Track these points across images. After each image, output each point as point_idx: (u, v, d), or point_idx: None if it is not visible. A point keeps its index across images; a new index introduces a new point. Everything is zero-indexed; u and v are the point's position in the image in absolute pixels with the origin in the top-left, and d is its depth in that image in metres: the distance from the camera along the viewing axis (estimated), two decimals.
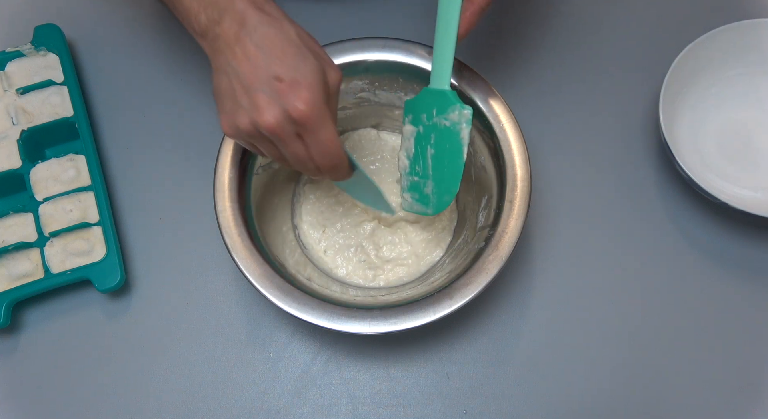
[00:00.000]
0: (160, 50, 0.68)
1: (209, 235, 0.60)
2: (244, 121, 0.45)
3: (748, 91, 0.63)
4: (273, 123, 0.44)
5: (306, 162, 0.46)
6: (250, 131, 0.45)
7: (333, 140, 0.45)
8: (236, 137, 0.47)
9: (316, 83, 0.44)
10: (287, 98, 0.43)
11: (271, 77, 0.43)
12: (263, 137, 0.46)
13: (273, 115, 0.43)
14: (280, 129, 0.44)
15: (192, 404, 0.57)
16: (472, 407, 0.56)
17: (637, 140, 0.64)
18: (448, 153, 0.52)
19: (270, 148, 0.47)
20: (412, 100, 0.54)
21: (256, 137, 0.46)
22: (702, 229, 0.61)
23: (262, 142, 0.47)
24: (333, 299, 0.51)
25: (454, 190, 0.53)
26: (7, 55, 0.64)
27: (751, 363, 0.57)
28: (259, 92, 0.44)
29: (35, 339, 0.59)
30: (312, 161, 0.46)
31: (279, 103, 0.43)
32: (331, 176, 0.49)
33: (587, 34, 0.68)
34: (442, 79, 0.52)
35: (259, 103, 0.44)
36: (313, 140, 0.45)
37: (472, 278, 0.49)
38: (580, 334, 0.58)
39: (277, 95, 0.43)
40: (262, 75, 0.44)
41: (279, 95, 0.43)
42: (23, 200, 0.61)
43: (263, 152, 0.48)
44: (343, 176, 0.49)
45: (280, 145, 0.46)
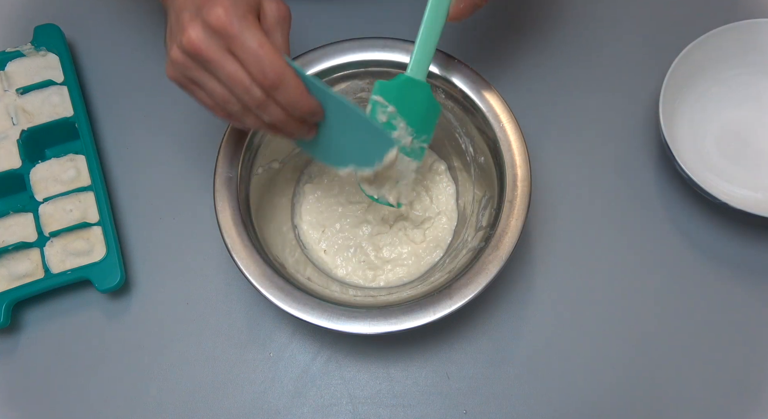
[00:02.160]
0: (160, 50, 0.68)
1: (209, 235, 0.60)
2: (175, 51, 0.43)
3: (748, 92, 0.63)
4: (195, 38, 0.41)
5: (247, 88, 0.42)
6: (182, 61, 0.43)
7: (263, 45, 0.41)
8: (176, 77, 0.44)
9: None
10: (205, 8, 0.41)
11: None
12: (197, 66, 0.42)
13: (195, 30, 0.41)
14: (204, 45, 0.41)
15: (192, 404, 0.57)
16: (472, 407, 0.56)
17: (637, 140, 0.64)
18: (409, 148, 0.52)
19: (209, 81, 0.43)
20: (386, 83, 0.51)
21: (190, 67, 0.43)
22: (702, 229, 0.61)
23: (197, 73, 0.43)
24: (333, 299, 0.51)
25: None
26: (7, 55, 0.64)
27: (751, 363, 0.57)
28: (184, 12, 0.42)
29: (35, 339, 0.59)
30: (252, 81, 0.42)
31: (199, 16, 0.41)
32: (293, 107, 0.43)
33: (587, 34, 0.68)
34: (422, 69, 0.51)
35: (183, 22, 0.42)
36: (241, 50, 0.41)
37: (472, 278, 0.49)
38: (580, 334, 0.58)
39: (198, 9, 0.41)
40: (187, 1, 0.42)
41: (199, 9, 0.41)
42: (23, 200, 0.61)
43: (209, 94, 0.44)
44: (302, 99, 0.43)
45: (213, 68, 0.42)
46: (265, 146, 0.56)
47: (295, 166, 0.62)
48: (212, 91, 0.44)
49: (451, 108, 0.56)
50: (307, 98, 0.44)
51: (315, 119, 0.46)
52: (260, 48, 0.41)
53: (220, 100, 0.44)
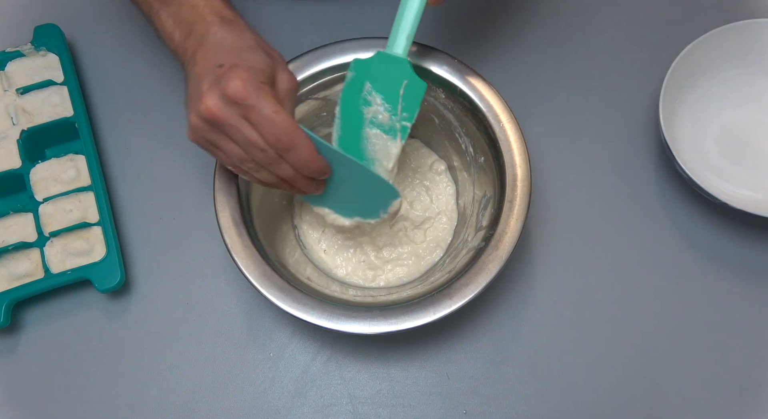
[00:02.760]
0: (160, 50, 0.68)
1: (209, 235, 0.60)
2: (194, 117, 0.45)
3: (748, 91, 0.63)
4: (212, 106, 0.43)
5: (262, 149, 0.45)
6: (201, 127, 0.45)
7: (278, 112, 0.43)
8: (196, 140, 0.47)
9: (257, 68, 0.44)
10: (224, 79, 0.43)
11: (215, 66, 0.44)
12: (215, 130, 0.45)
13: (212, 99, 0.43)
14: (221, 113, 0.44)
15: (192, 404, 0.57)
16: (472, 407, 0.56)
17: (637, 140, 0.64)
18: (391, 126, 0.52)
19: (226, 143, 0.46)
20: (364, 60, 0.51)
21: (207, 131, 0.45)
22: (702, 229, 0.61)
23: (216, 137, 0.46)
24: (333, 299, 0.51)
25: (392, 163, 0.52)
26: (7, 55, 0.64)
27: (751, 363, 0.57)
28: (203, 82, 0.44)
29: (35, 339, 0.59)
30: (266, 144, 0.44)
31: (218, 86, 0.43)
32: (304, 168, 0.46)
33: (587, 34, 0.68)
34: (400, 45, 0.50)
35: (201, 92, 0.44)
36: (257, 117, 0.43)
37: (472, 278, 0.49)
38: (580, 334, 0.58)
39: (217, 80, 0.44)
40: (209, 67, 0.45)
41: (218, 79, 0.44)
42: (23, 200, 0.61)
43: (227, 154, 0.47)
44: (312, 160, 0.46)
45: (231, 133, 0.45)
46: None
47: None
48: (230, 152, 0.46)
49: (451, 108, 0.56)
50: (316, 159, 0.46)
51: (323, 176, 0.49)
52: (275, 115, 0.43)
53: (237, 159, 0.47)
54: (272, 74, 0.45)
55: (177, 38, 0.48)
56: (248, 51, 0.45)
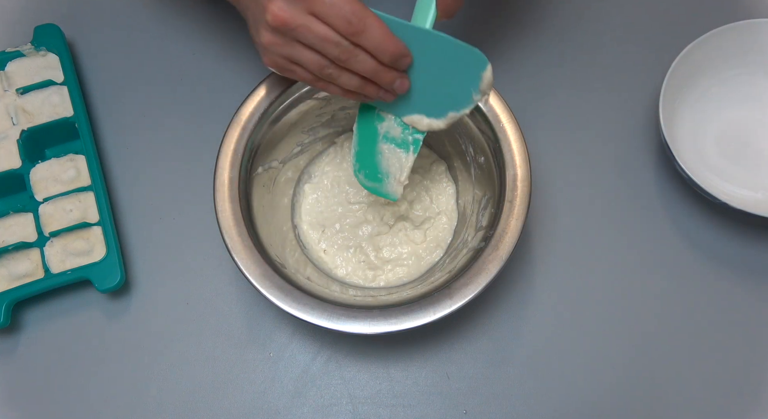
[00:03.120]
0: (160, 50, 0.68)
1: (209, 235, 0.60)
2: (264, 34, 0.45)
3: (748, 91, 0.63)
4: (278, 12, 0.43)
5: (337, 42, 0.44)
6: (273, 41, 0.45)
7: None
8: (273, 63, 0.47)
9: None
10: None
11: None
12: (288, 41, 0.45)
13: (276, 4, 0.43)
14: (288, 14, 0.43)
15: (192, 404, 0.57)
16: (472, 407, 0.56)
17: (637, 140, 0.64)
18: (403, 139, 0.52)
19: (302, 51, 0.46)
20: None
21: (280, 44, 0.45)
22: (702, 229, 0.61)
23: (290, 47, 0.45)
24: (333, 299, 0.51)
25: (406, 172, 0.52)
26: (7, 55, 0.64)
27: (751, 363, 0.57)
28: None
29: (35, 339, 0.59)
30: (338, 35, 0.44)
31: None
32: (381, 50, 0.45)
33: (587, 34, 0.68)
34: None
35: (264, 4, 0.44)
36: (321, 7, 0.43)
37: (472, 278, 0.49)
38: (580, 334, 0.58)
39: None
40: None
41: None
42: (23, 200, 0.61)
43: (305, 65, 0.46)
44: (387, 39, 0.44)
45: (302, 34, 0.44)
46: (265, 146, 0.56)
47: (295, 166, 0.62)
48: (308, 61, 0.46)
49: None
50: (392, 38, 0.45)
51: (404, 62, 0.47)
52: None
53: (316, 67, 0.46)
54: None
55: None
56: None
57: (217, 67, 0.67)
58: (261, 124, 0.55)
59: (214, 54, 0.68)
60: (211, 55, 0.68)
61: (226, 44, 0.68)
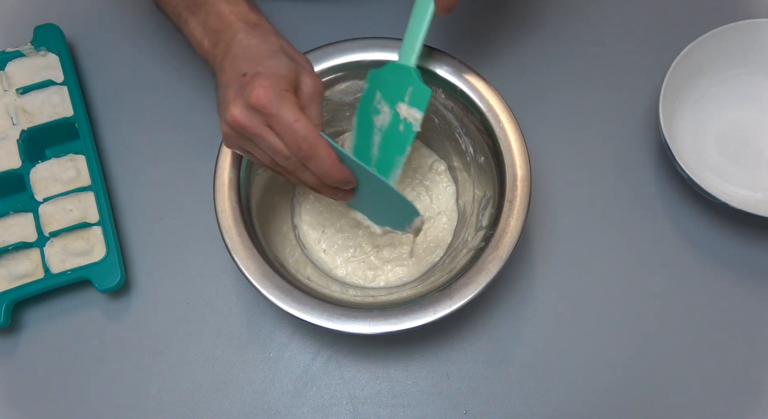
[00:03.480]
0: (160, 50, 0.68)
1: (209, 235, 0.60)
2: (223, 125, 0.46)
3: (748, 91, 0.63)
4: (238, 115, 0.45)
5: (287, 156, 0.46)
6: (229, 133, 0.47)
7: (298, 120, 0.44)
8: (230, 145, 0.49)
9: (279, 75, 0.45)
10: (247, 88, 0.44)
11: (239, 76, 0.45)
12: (243, 137, 0.46)
13: (237, 107, 0.45)
14: (247, 121, 0.45)
15: (192, 404, 0.57)
16: (472, 407, 0.56)
17: (637, 140, 0.64)
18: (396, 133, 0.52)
19: (256, 149, 0.47)
20: (376, 71, 0.53)
21: (237, 137, 0.47)
22: (702, 229, 0.61)
23: (245, 143, 0.47)
24: (333, 299, 0.51)
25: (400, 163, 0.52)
26: (7, 55, 0.64)
27: (751, 363, 0.57)
28: (229, 91, 0.46)
29: (35, 339, 0.59)
30: (289, 152, 0.45)
31: (242, 95, 0.45)
32: (325, 176, 0.47)
33: (587, 34, 0.68)
34: (408, 55, 0.51)
35: (228, 100, 0.45)
36: (279, 126, 0.44)
37: (472, 278, 0.49)
38: (580, 334, 0.58)
39: (241, 89, 0.45)
40: (234, 76, 0.46)
41: (242, 88, 0.45)
42: (23, 200, 0.61)
43: (256, 157, 0.48)
44: (333, 170, 0.46)
45: (257, 141, 0.46)
46: None
47: None
48: (260, 157, 0.48)
49: (451, 108, 0.56)
50: (337, 169, 0.46)
51: (347, 186, 0.49)
52: (296, 123, 0.44)
53: (269, 163, 0.48)
54: (296, 79, 0.46)
55: (206, 46, 0.49)
56: (272, 57, 0.46)
57: None
58: None
59: None
60: None
61: None
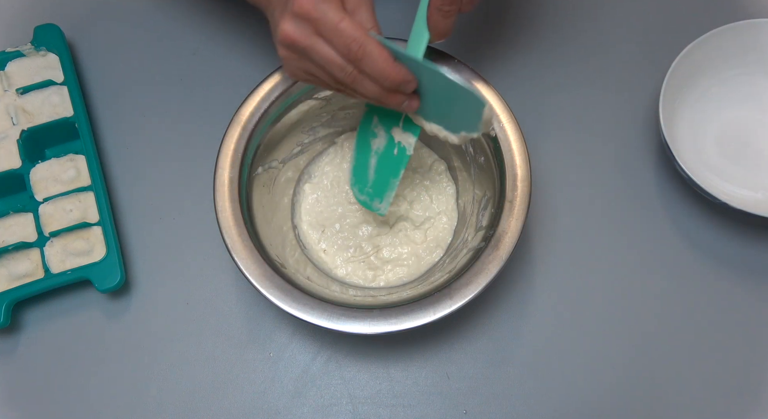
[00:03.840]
0: (160, 50, 0.68)
1: (209, 235, 0.60)
2: (278, 47, 0.46)
3: (748, 91, 0.63)
4: (287, 30, 0.44)
5: (341, 66, 0.44)
6: (287, 55, 0.46)
7: (343, 20, 0.43)
8: (291, 72, 0.48)
9: None
10: (291, 1, 0.44)
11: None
12: (299, 56, 0.45)
13: (286, 23, 0.44)
14: (296, 36, 0.44)
15: (192, 404, 0.57)
16: (472, 407, 0.56)
17: (637, 140, 0.64)
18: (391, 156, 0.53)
19: (314, 68, 0.46)
20: None
21: (294, 58, 0.46)
22: (702, 229, 0.61)
23: (303, 62, 0.46)
24: (333, 299, 0.51)
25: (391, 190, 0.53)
26: (7, 55, 0.64)
27: (751, 363, 0.57)
28: (276, 11, 0.45)
29: (35, 339, 0.59)
30: (341, 57, 0.44)
31: (288, 9, 0.44)
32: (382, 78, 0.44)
33: (587, 34, 0.68)
34: None
35: (276, 20, 0.45)
36: (325, 30, 0.43)
37: (472, 278, 0.49)
38: (580, 334, 0.58)
39: (285, 3, 0.44)
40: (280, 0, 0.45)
41: (287, 2, 0.44)
42: (23, 200, 0.61)
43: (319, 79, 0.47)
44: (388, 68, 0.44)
45: (311, 55, 0.45)
46: (265, 145, 0.56)
47: (295, 166, 0.62)
48: (321, 77, 0.47)
49: None
50: (393, 67, 0.45)
51: (408, 87, 0.47)
52: (339, 23, 0.43)
53: (330, 81, 0.47)
54: None
55: None
56: None
57: (218, 67, 0.67)
58: (261, 124, 0.55)
59: (214, 54, 0.68)
60: (211, 55, 0.68)
61: (226, 44, 0.68)
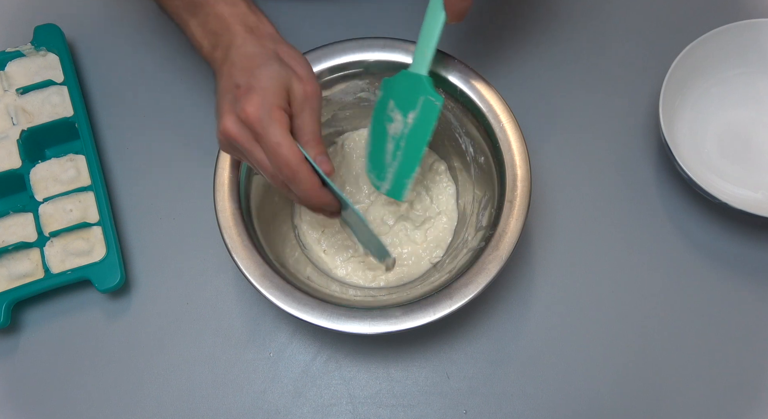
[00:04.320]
0: (160, 50, 0.68)
1: (209, 235, 0.60)
2: (218, 133, 0.47)
3: (748, 91, 0.63)
4: (229, 127, 0.46)
5: (273, 174, 0.47)
6: (223, 142, 0.47)
7: (282, 144, 0.45)
8: (226, 151, 0.49)
9: (270, 88, 0.45)
10: (240, 102, 0.45)
11: (233, 86, 0.46)
12: (234, 147, 0.47)
13: (230, 120, 0.46)
14: (237, 134, 0.46)
15: (192, 404, 0.57)
16: (472, 407, 0.56)
17: (637, 140, 0.64)
18: (412, 137, 0.52)
19: (249, 162, 0.48)
20: (389, 79, 0.54)
21: (230, 147, 0.47)
22: (702, 229, 0.61)
23: (238, 153, 0.48)
24: (333, 299, 0.51)
25: (411, 174, 0.53)
26: (7, 55, 0.64)
27: (751, 363, 0.57)
28: (224, 102, 0.46)
29: (35, 339, 0.59)
30: (273, 168, 0.46)
31: (234, 108, 0.45)
32: (306, 200, 0.48)
33: (587, 34, 0.68)
34: (420, 64, 0.52)
35: (222, 111, 0.46)
36: (265, 145, 0.45)
37: (472, 278, 0.49)
38: (579, 334, 0.58)
39: (235, 101, 0.45)
40: (228, 86, 0.46)
41: (235, 101, 0.45)
42: (23, 200, 0.61)
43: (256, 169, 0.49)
44: (313, 195, 0.47)
45: (245, 153, 0.47)
46: None
47: None
48: (252, 166, 0.49)
49: (451, 108, 0.56)
50: (317, 194, 0.47)
51: (331, 210, 0.50)
52: (278, 146, 0.45)
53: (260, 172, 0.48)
54: (288, 87, 0.46)
55: (206, 48, 0.50)
56: (265, 66, 0.46)
57: None
58: None
59: None
60: None
61: None
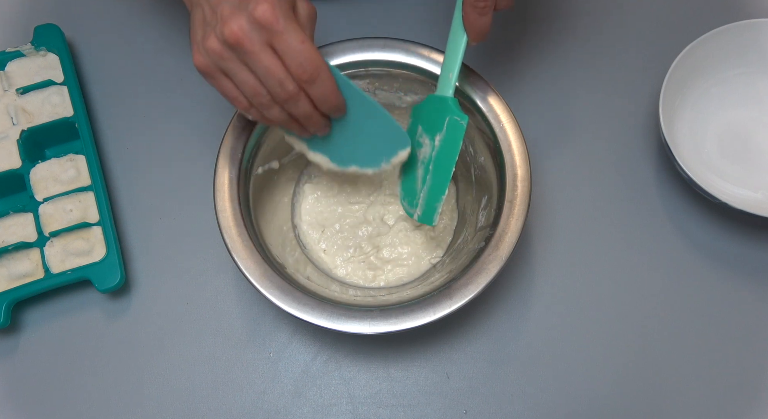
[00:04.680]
0: (160, 50, 0.68)
1: (209, 235, 0.60)
2: (212, 40, 0.43)
3: (748, 91, 0.63)
4: (237, 30, 0.42)
5: (283, 80, 0.43)
6: (218, 51, 0.43)
7: (305, 41, 0.42)
8: (206, 66, 0.45)
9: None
10: (252, 3, 0.42)
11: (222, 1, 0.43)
12: (233, 57, 0.43)
13: (237, 22, 0.42)
14: (246, 38, 0.42)
15: (192, 404, 0.57)
16: (472, 407, 0.56)
17: (637, 140, 0.64)
18: (439, 159, 0.52)
19: (244, 75, 0.44)
20: (417, 105, 0.54)
21: (225, 57, 0.43)
22: (702, 229, 0.61)
23: (233, 64, 0.44)
24: (333, 299, 0.51)
25: (440, 196, 0.52)
26: (7, 55, 0.64)
27: (751, 362, 0.57)
28: (223, 4, 0.43)
29: (35, 339, 0.59)
30: (288, 74, 0.43)
31: (244, 9, 0.42)
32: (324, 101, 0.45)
33: (587, 34, 0.68)
34: (445, 87, 0.52)
35: (223, 14, 0.43)
36: (283, 44, 0.42)
37: (472, 278, 0.49)
38: (580, 334, 0.58)
39: (242, 3, 0.42)
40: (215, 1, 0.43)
41: (242, 2, 0.42)
42: (23, 200, 0.61)
43: (239, 85, 0.45)
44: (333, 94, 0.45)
45: (251, 61, 0.43)
46: (265, 145, 0.56)
47: (295, 166, 0.62)
48: (243, 83, 0.45)
49: None
50: (337, 93, 0.46)
51: (338, 114, 0.48)
52: (302, 44, 0.42)
53: (250, 91, 0.45)
54: (292, 4, 0.44)
55: None
56: None
57: None
58: (261, 123, 0.55)
59: None
60: None
61: None
